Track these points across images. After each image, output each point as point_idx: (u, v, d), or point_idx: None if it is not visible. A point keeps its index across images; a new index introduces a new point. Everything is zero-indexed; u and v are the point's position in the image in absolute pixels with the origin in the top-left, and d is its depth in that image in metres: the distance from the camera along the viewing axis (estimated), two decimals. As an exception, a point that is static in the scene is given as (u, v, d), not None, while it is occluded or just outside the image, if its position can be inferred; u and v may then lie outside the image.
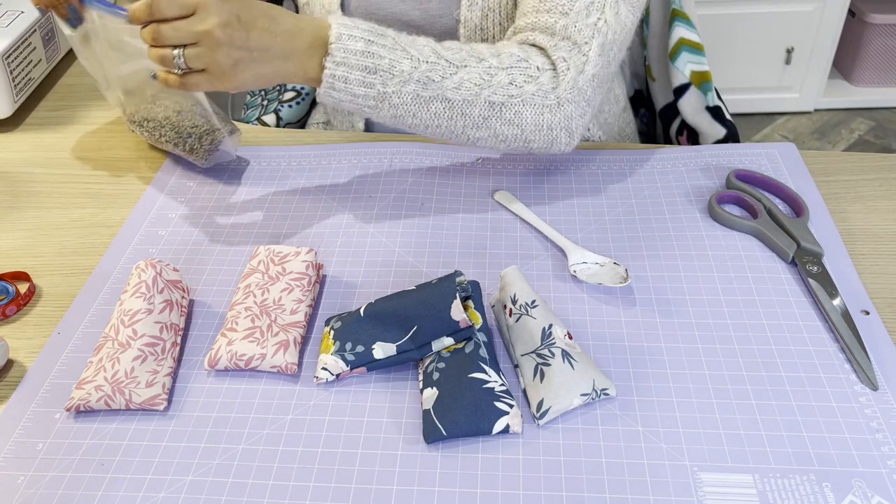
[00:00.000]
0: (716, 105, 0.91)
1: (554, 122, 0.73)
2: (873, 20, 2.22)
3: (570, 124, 0.74)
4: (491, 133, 0.73)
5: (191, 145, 0.83)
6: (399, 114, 0.70)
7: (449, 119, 0.71)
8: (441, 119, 0.71)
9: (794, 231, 0.71)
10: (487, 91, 0.70)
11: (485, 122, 0.72)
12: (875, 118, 2.35)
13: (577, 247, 0.72)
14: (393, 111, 0.70)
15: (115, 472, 0.55)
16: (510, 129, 0.72)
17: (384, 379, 0.61)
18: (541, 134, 0.73)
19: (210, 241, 0.76)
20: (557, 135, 0.74)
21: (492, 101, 0.70)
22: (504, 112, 0.71)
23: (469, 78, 0.70)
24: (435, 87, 0.69)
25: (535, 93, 0.71)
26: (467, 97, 0.70)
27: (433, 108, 0.70)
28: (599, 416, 0.58)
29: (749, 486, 0.53)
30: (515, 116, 0.72)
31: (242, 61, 0.64)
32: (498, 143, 0.74)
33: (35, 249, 0.76)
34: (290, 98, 1.07)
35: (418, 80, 0.68)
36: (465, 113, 0.71)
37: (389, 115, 0.70)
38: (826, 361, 0.61)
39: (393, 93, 0.68)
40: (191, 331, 0.66)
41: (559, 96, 0.72)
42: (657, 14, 0.96)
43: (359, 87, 0.68)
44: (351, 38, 0.67)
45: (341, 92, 0.68)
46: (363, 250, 0.74)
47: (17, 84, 0.96)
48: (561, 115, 0.73)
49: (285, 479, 0.54)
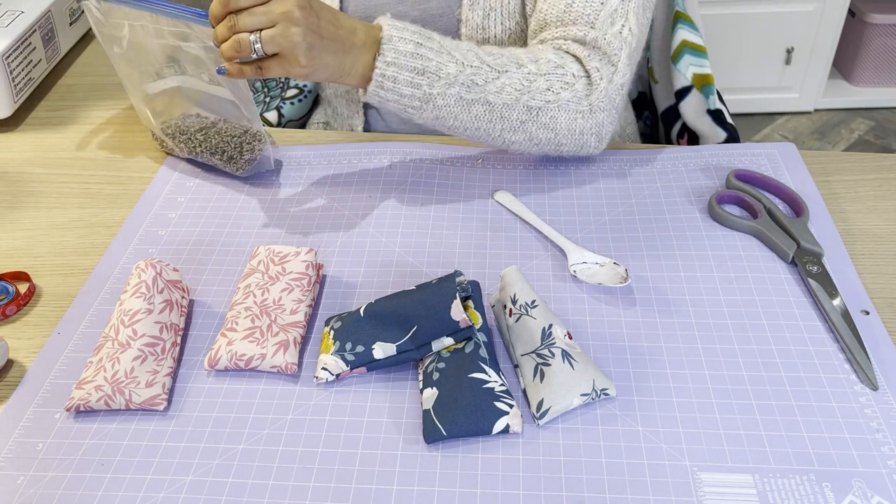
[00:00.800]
0: (717, 108, 0.91)
1: (586, 127, 0.75)
2: (873, 20, 2.22)
3: (600, 130, 0.77)
4: (526, 136, 0.75)
5: (230, 155, 0.82)
6: (441, 115, 0.72)
7: (488, 122, 0.73)
8: (481, 122, 0.73)
9: (794, 231, 0.71)
10: (527, 96, 0.72)
11: (521, 126, 0.74)
12: (875, 118, 2.35)
13: (577, 247, 0.72)
14: (436, 112, 0.72)
15: (115, 472, 0.55)
16: (545, 133, 0.75)
17: (384, 379, 0.61)
18: (573, 138, 0.76)
19: (210, 241, 0.76)
20: (588, 140, 0.77)
21: (530, 106, 0.73)
22: (540, 116, 0.73)
23: (510, 83, 0.72)
24: (478, 90, 0.71)
25: (570, 99, 0.73)
26: (507, 101, 0.72)
27: (474, 110, 0.72)
28: (599, 416, 0.58)
29: (749, 486, 0.53)
30: (551, 121, 0.74)
31: (315, 46, 0.66)
32: (532, 146, 0.76)
33: (35, 249, 0.76)
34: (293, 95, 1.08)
35: (462, 84, 0.70)
36: (503, 116, 0.73)
37: (432, 116, 0.72)
38: (826, 361, 0.61)
39: (438, 94, 0.70)
40: (191, 331, 0.66)
41: (592, 103, 0.74)
42: (660, 16, 0.96)
43: (406, 87, 0.70)
44: (402, 39, 0.69)
45: (389, 91, 0.70)
46: (363, 250, 0.74)
47: (17, 84, 0.96)
48: (593, 121, 0.75)
49: (285, 479, 0.54)
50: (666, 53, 0.96)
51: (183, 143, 0.84)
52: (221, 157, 0.82)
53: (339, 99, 0.96)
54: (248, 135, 0.83)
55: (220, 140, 0.82)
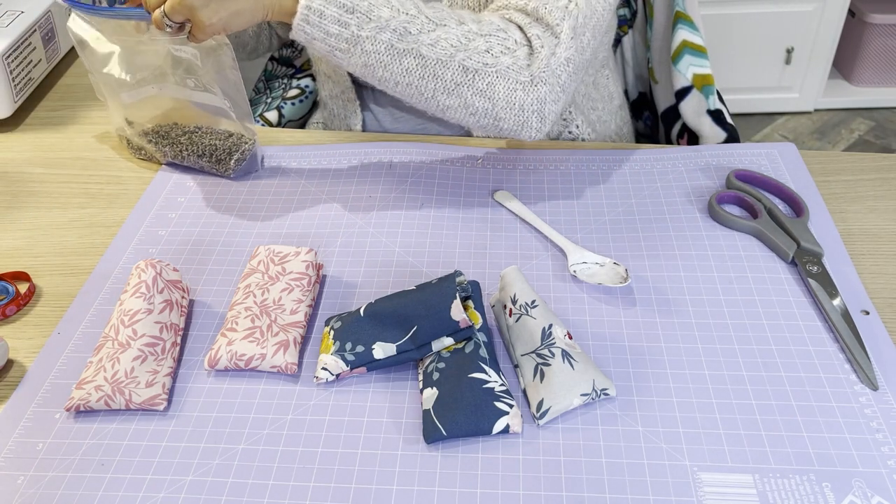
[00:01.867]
0: (717, 108, 0.91)
1: (526, 102, 0.71)
2: (873, 20, 2.22)
3: (542, 108, 0.72)
4: (461, 102, 0.71)
5: (218, 157, 0.82)
6: (370, 62, 0.69)
7: (420, 78, 0.70)
8: (412, 76, 0.70)
9: (794, 231, 0.71)
10: (463, 54, 0.69)
11: (456, 89, 0.70)
12: (875, 118, 2.35)
13: (577, 247, 0.72)
14: (364, 58, 0.69)
15: (115, 472, 0.55)
16: (481, 102, 0.71)
17: (384, 379, 0.61)
18: (512, 112, 0.72)
19: (210, 241, 0.76)
20: (529, 117, 0.72)
21: (466, 66, 0.69)
22: (477, 80, 0.70)
23: (446, 37, 0.69)
24: (410, 39, 0.68)
25: (510, 66, 0.70)
26: (441, 57, 0.69)
27: (405, 62, 0.69)
28: (599, 416, 0.58)
29: (749, 486, 0.53)
30: (488, 88, 0.70)
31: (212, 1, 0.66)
32: (468, 115, 0.72)
33: (35, 249, 0.76)
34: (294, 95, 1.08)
35: (395, 30, 0.68)
36: (437, 74, 0.69)
37: (360, 62, 0.69)
38: (826, 361, 0.61)
39: (367, 38, 0.67)
40: (191, 331, 0.66)
41: (533, 74, 0.70)
42: (661, 16, 0.96)
43: (333, 24, 0.67)
44: None
45: (315, 27, 0.67)
46: (363, 250, 0.74)
47: (17, 84, 0.96)
48: (534, 95, 0.71)
49: (285, 479, 0.54)
50: (666, 54, 0.96)
51: (167, 146, 0.84)
52: (210, 159, 0.83)
53: (334, 100, 0.96)
54: (235, 137, 0.83)
55: (208, 143, 0.83)
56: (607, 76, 0.96)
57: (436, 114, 0.75)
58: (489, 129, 0.75)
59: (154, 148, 0.85)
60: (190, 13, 0.67)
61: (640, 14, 1.02)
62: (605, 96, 0.96)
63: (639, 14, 1.03)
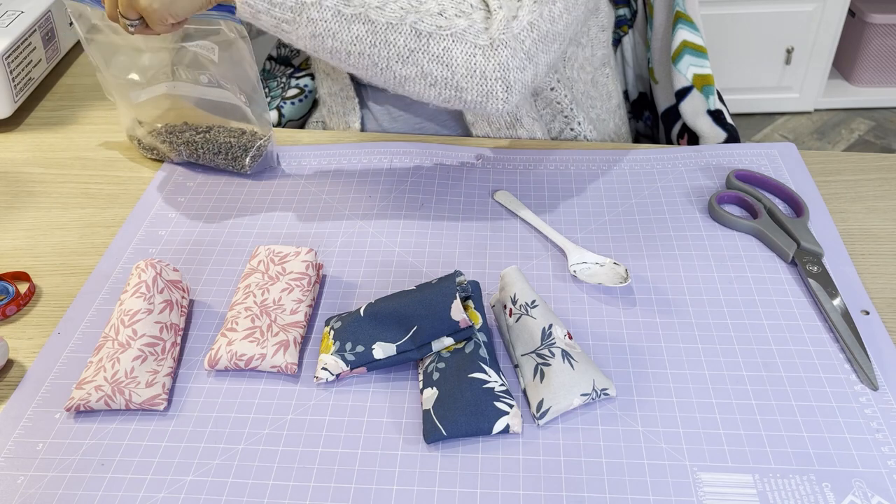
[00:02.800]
0: (717, 109, 0.91)
1: (488, 68, 0.67)
2: (873, 20, 2.22)
3: (506, 75, 0.68)
4: (418, 71, 0.68)
5: (234, 154, 0.82)
6: (318, 32, 0.66)
7: (371, 45, 0.67)
8: (363, 45, 0.67)
9: (794, 231, 0.71)
10: (414, 16, 0.66)
11: (411, 56, 0.67)
12: (875, 118, 2.35)
13: (577, 247, 0.72)
14: (312, 28, 0.66)
15: (115, 472, 0.55)
16: (439, 69, 0.67)
17: (384, 379, 0.61)
18: (473, 80, 0.68)
19: (210, 241, 0.76)
20: (493, 86, 0.68)
21: (418, 30, 0.66)
22: (431, 45, 0.66)
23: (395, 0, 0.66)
24: (357, 4, 0.65)
25: (465, 29, 0.67)
26: (391, 20, 0.66)
27: (354, 29, 0.66)
28: (599, 416, 0.58)
29: (749, 486, 0.53)
30: (444, 53, 0.67)
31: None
32: (427, 86, 0.69)
33: (35, 249, 0.76)
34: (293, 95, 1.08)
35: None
36: (388, 41, 0.66)
37: (308, 32, 0.67)
38: (826, 361, 0.61)
39: (312, 4, 0.65)
40: (191, 331, 0.66)
41: (492, 37, 0.67)
42: (661, 16, 0.96)
43: None
44: None
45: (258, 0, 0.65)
46: (363, 250, 0.74)
47: (17, 84, 0.96)
48: (495, 60, 0.67)
49: (285, 479, 0.54)
50: (666, 54, 0.96)
51: (182, 145, 0.84)
52: (226, 156, 0.82)
53: (333, 98, 0.96)
54: (249, 134, 0.83)
55: (224, 140, 0.82)
56: (607, 74, 0.96)
57: (396, 88, 0.71)
58: (452, 102, 0.71)
59: (168, 147, 0.85)
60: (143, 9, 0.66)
61: (641, 14, 1.02)
62: (604, 95, 0.96)
63: (639, 14, 1.03)
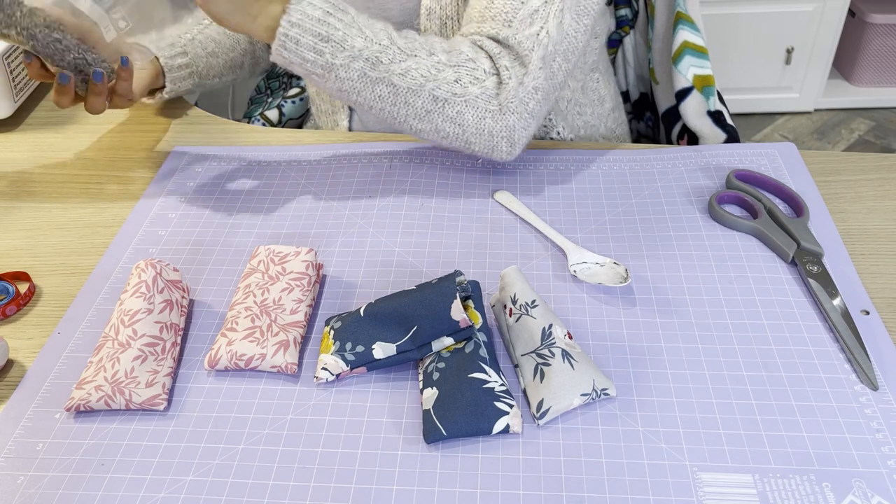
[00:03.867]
0: (717, 109, 0.91)
1: (495, 129, 0.74)
2: (873, 20, 2.22)
3: (511, 134, 0.75)
4: (432, 127, 0.74)
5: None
6: (344, 88, 0.72)
7: (392, 104, 0.72)
8: (385, 102, 0.72)
9: (794, 231, 0.71)
10: (432, 84, 0.71)
11: (427, 115, 0.73)
12: (875, 118, 2.35)
13: (577, 247, 0.72)
14: (339, 84, 0.71)
15: (115, 472, 0.55)
16: (451, 127, 0.74)
17: (384, 379, 0.61)
18: (482, 138, 0.75)
19: (210, 241, 0.76)
20: (498, 142, 0.75)
21: (436, 96, 0.72)
22: (447, 109, 0.72)
23: (416, 68, 0.71)
24: (382, 69, 0.70)
25: (478, 95, 0.72)
26: (412, 86, 0.71)
27: (378, 90, 0.71)
28: (599, 416, 0.58)
29: (749, 486, 0.53)
30: (457, 115, 0.73)
31: None
32: (440, 138, 0.75)
33: (35, 249, 0.76)
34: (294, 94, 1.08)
35: (367, 59, 0.70)
36: (408, 102, 0.72)
37: (335, 87, 0.72)
38: (826, 361, 0.61)
39: (340, 66, 0.70)
40: (191, 331, 0.66)
41: (501, 103, 0.73)
42: (662, 17, 0.96)
43: (309, 52, 0.69)
44: (311, 4, 0.69)
45: (292, 53, 0.70)
46: (363, 250, 0.74)
47: (17, 84, 0.96)
48: (503, 123, 0.74)
49: (285, 479, 0.54)
50: (667, 54, 0.96)
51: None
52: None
53: (320, 96, 0.96)
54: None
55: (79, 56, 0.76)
56: (597, 80, 0.96)
57: (409, 133, 0.77)
58: (461, 150, 0.77)
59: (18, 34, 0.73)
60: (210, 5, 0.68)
61: (642, 14, 1.02)
62: (595, 100, 0.96)
63: (640, 14, 1.03)
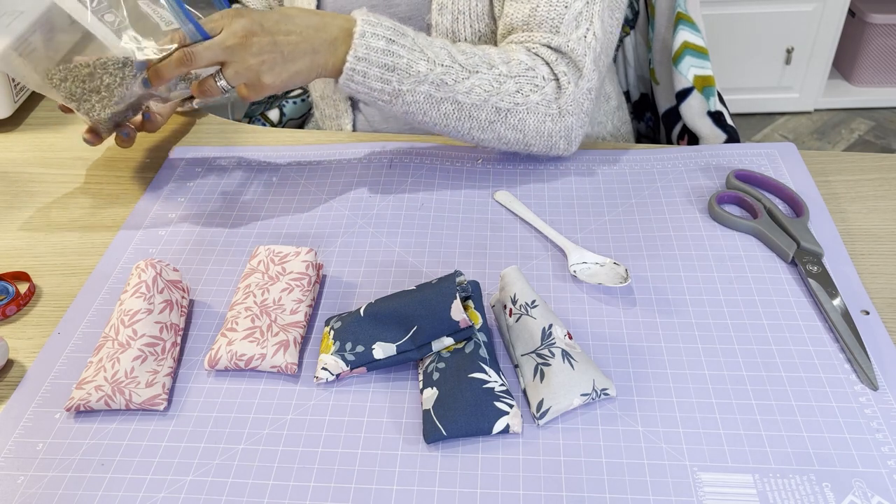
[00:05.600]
0: (717, 110, 0.91)
1: (555, 130, 0.77)
2: (873, 20, 2.22)
3: (569, 134, 0.78)
4: (495, 136, 0.77)
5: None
6: (411, 111, 0.74)
7: (457, 120, 0.75)
8: (450, 119, 0.74)
9: (794, 231, 0.71)
10: (496, 98, 0.74)
11: (490, 126, 0.75)
12: (875, 118, 2.35)
13: (577, 247, 0.72)
14: (405, 108, 0.73)
15: (115, 472, 0.55)
16: (513, 134, 0.76)
17: (384, 379, 0.61)
18: (541, 140, 0.77)
19: (210, 241, 0.76)
20: (557, 142, 0.78)
21: (499, 108, 0.74)
22: (509, 118, 0.75)
23: (479, 84, 0.73)
24: (447, 89, 0.72)
25: (539, 102, 0.75)
26: (476, 102, 0.73)
27: (443, 108, 0.73)
28: (599, 416, 0.58)
29: (749, 486, 0.53)
30: (519, 123, 0.75)
31: (277, 63, 0.69)
32: (501, 144, 0.78)
33: (35, 249, 0.76)
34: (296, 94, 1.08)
35: (432, 82, 0.72)
36: (472, 116, 0.74)
37: (402, 110, 0.74)
38: (826, 361, 0.61)
39: (407, 91, 0.72)
40: (191, 331, 0.66)
41: (560, 107, 0.76)
42: (662, 18, 0.96)
43: (376, 82, 0.71)
44: (374, 35, 0.70)
45: (359, 84, 0.71)
46: (363, 250, 0.74)
47: (18, 84, 0.96)
48: (562, 124, 0.77)
49: (285, 479, 0.54)
50: (667, 55, 0.96)
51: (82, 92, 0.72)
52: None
53: (325, 101, 0.96)
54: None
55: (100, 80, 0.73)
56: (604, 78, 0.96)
57: (469, 143, 0.81)
58: (519, 152, 0.81)
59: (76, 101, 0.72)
60: (253, 77, 0.69)
61: (643, 14, 1.02)
62: (602, 97, 0.96)
63: (641, 15, 1.03)
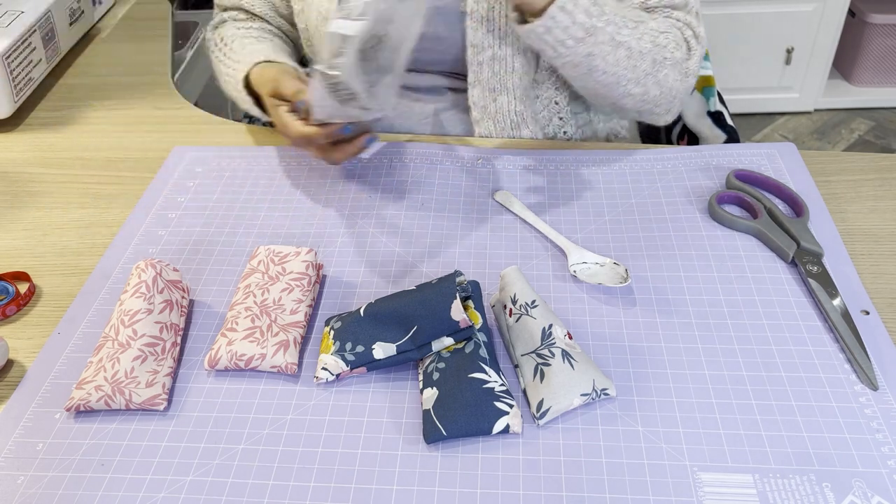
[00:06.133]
0: (717, 110, 0.91)
1: (680, 90, 0.80)
2: (873, 20, 2.22)
3: (685, 97, 0.81)
4: (643, 91, 0.78)
5: None
6: (594, 52, 0.73)
7: (625, 68, 0.75)
8: (619, 67, 0.75)
9: (794, 231, 0.71)
10: (656, 50, 0.76)
11: (644, 78, 0.77)
12: (875, 118, 2.35)
13: (577, 247, 0.72)
14: (590, 48, 0.73)
15: (115, 472, 0.55)
16: (656, 90, 0.78)
17: (384, 379, 0.61)
18: (667, 99, 0.80)
19: (210, 241, 0.76)
20: (674, 105, 0.81)
21: (655, 59, 0.76)
22: (659, 72, 0.77)
23: (647, 32, 0.76)
24: (626, 33, 0.74)
25: (679, 59, 0.78)
26: (643, 49, 0.75)
27: (619, 53, 0.74)
28: (599, 416, 0.58)
29: (749, 486, 0.53)
30: (664, 78, 0.78)
31: None
32: (637, 102, 0.80)
33: (35, 249, 0.76)
34: None
35: (615, 23, 0.73)
36: (636, 66, 0.75)
37: (585, 52, 0.73)
38: (826, 361, 0.61)
39: (600, 28, 0.72)
40: (191, 331, 0.66)
41: (688, 68, 0.80)
42: None
43: (582, 14, 0.71)
44: None
45: (567, 14, 0.70)
46: (363, 250, 0.74)
47: (17, 84, 0.96)
48: (685, 85, 0.80)
49: (285, 479, 0.54)
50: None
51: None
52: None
53: None
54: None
55: None
56: None
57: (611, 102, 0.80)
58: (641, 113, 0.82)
59: None
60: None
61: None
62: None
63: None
